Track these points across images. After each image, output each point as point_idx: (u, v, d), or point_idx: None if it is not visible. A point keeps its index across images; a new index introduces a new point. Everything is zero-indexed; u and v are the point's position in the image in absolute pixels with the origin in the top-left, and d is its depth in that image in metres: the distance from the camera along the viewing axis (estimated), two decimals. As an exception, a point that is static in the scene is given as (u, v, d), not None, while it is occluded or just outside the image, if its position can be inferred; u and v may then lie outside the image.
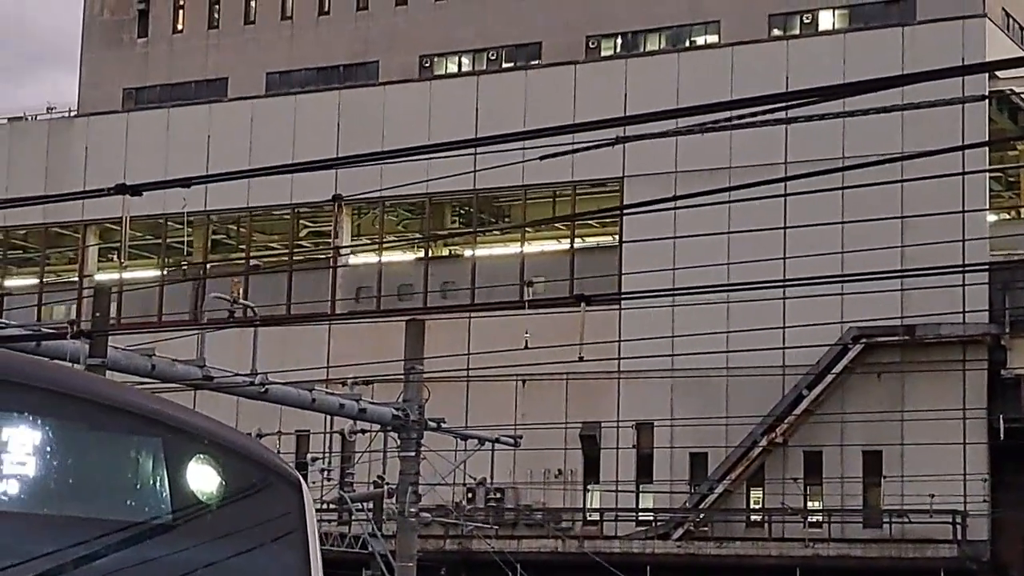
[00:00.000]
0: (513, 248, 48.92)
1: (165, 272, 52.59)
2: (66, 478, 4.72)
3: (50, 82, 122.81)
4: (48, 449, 4.67)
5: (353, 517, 34.36)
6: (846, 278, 33.04)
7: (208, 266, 51.93)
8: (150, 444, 4.91)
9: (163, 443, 4.93)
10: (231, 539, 4.96)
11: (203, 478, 4.97)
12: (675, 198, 12.16)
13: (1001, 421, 39.55)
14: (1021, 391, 39.88)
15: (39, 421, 4.69)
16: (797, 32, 50.01)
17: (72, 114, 55.39)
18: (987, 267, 38.65)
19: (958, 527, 39.49)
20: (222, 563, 4.90)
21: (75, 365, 19.04)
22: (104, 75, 60.00)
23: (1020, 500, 39.51)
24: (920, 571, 39.07)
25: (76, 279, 52.17)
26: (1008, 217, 47.17)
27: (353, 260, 50.39)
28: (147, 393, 5.44)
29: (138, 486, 4.87)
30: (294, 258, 51.68)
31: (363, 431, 28.00)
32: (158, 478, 4.90)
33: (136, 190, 10.93)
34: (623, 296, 40.55)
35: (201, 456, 4.99)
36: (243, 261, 50.89)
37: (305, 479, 5.38)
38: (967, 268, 35.64)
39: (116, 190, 11.15)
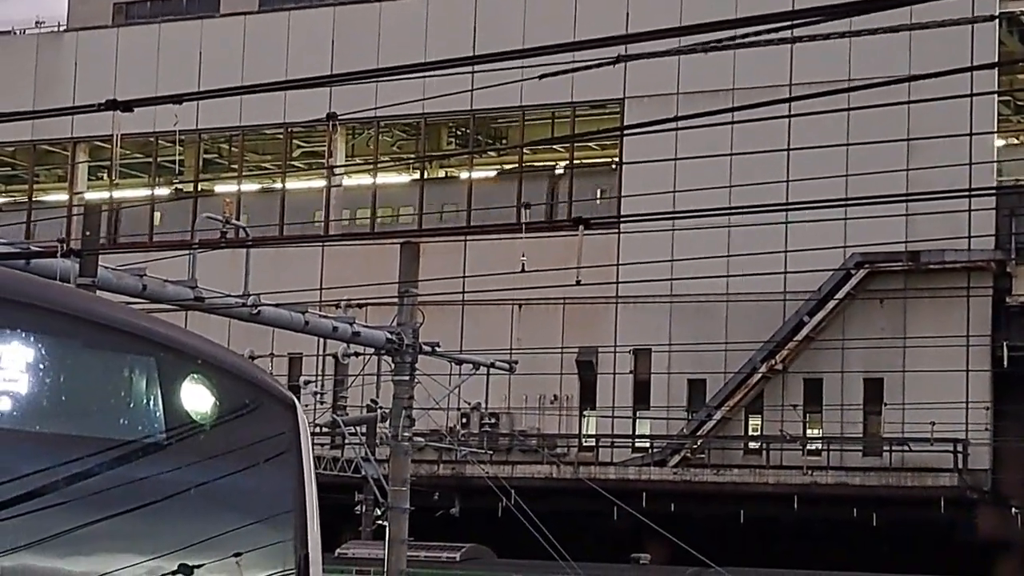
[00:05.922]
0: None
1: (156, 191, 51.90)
2: (59, 396, 4.67)
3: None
4: (41, 366, 4.63)
5: (346, 441, 33.98)
6: (850, 202, 32.32)
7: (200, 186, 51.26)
8: (143, 363, 4.87)
9: (156, 362, 4.89)
10: (225, 459, 4.95)
11: (197, 397, 4.94)
12: (676, 119, 11.60)
13: (1005, 349, 39.14)
14: (1025, 318, 39.43)
15: (32, 338, 4.63)
16: (802, -49, 49.07)
17: (61, 29, 54.37)
18: (994, 192, 38.05)
19: (959, 456, 39.17)
20: (215, 483, 4.90)
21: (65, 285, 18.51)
22: (93, -11, 58.88)
23: (1022, 429, 39.16)
24: (920, 500, 38.79)
25: (66, 197, 51.51)
26: (1016, 142, 46.50)
27: (347, 182, 49.69)
28: (140, 312, 5.38)
29: (131, 405, 4.85)
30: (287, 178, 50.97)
31: (356, 354, 27.50)
32: (151, 397, 4.86)
33: (127, 106, 10.94)
34: (622, 219, 39.97)
35: (195, 375, 4.95)
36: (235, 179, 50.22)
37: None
38: (973, 193, 35.06)
39: (106, 106, 11.05)
